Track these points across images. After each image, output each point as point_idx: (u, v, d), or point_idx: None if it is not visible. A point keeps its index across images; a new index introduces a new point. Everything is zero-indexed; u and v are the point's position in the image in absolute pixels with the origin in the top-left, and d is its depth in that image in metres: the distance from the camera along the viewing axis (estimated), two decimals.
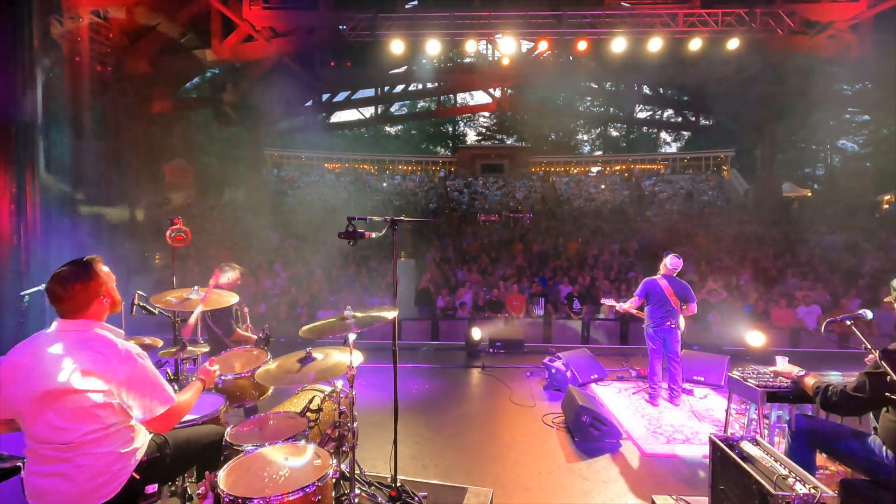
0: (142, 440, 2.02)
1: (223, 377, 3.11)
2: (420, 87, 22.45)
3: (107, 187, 11.63)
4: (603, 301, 6.12)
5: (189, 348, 3.26)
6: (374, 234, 3.00)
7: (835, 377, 3.02)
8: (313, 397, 3.00)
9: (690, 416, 4.93)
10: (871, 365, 2.37)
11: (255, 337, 4.27)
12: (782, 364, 3.17)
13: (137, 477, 1.95)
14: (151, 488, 2.05)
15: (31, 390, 1.77)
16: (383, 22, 11.64)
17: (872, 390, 2.28)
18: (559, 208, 21.72)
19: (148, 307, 3.30)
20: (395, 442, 3.03)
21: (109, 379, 1.80)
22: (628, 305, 5.45)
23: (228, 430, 2.57)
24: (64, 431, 1.77)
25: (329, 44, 13.42)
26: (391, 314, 2.87)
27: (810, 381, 2.74)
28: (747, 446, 2.52)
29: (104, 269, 1.99)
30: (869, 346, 2.37)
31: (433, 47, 11.94)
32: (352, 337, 2.65)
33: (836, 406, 2.46)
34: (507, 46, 12.76)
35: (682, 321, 5.23)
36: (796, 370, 3.02)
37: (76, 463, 1.79)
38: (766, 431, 3.21)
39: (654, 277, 5.28)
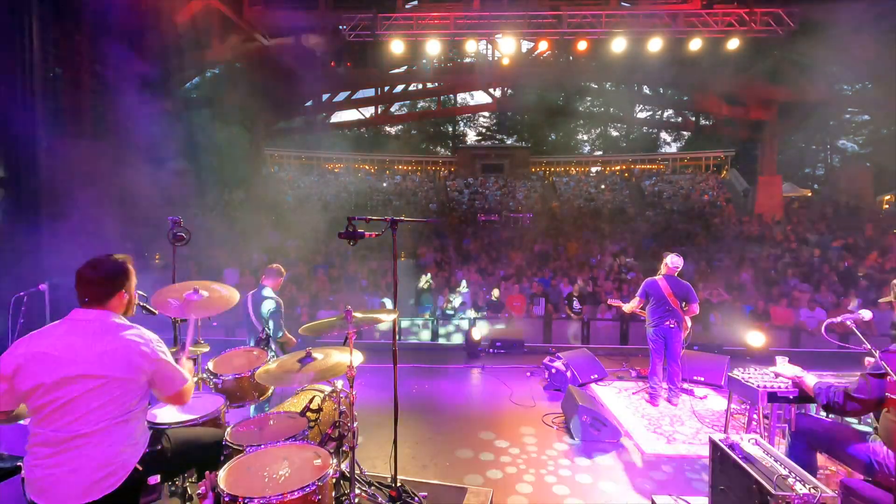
0: (146, 434, 2.06)
1: (223, 377, 3.11)
2: (420, 87, 22.43)
3: (107, 188, 11.62)
4: (610, 302, 6.20)
5: (189, 348, 3.26)
6: (374, 235, 3.00)
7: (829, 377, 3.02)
8: (313, 397, 3.00)
9: (690, 416, 4.93)
10: (871, 366, 2.37)
11: (296, 340, 4.32)
12: (783, 365, 3.17)
13: (140, 469, 1.97)
14: (153, 479, 2.06)
15: (55, 379, 1.78)
16: (383, 22, 11.64)
17: (873, 391, 2.29)
18: (560, 208, 21.72)
19: (148, 307, 3.30)
20: (395, 442, 3.03)
21: (136, 366, 1.86)
22: (631, 306, 5.47)
23: (228, 429, 2.57)
24: (81, 420, 1.80)
25: (329, 44, 13.42)
26: (390, 316, 2.87)
27: (811, 381, 2.74)
28: (747, 446, 2.52)
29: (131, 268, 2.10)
30: (870, 347, 2.37)
31: (433, 47, 11.94)
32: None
33: (837, 407, 2.46)
34: (507, 46, 12.75)
35: (688, 322, 5.23)
36: (797, 370, 3.02)
37: (84, 452, 1.80)
38: (766, 431, 3.21)
39: (654, 278, 5.30)
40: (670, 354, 5.17)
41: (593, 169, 30.31)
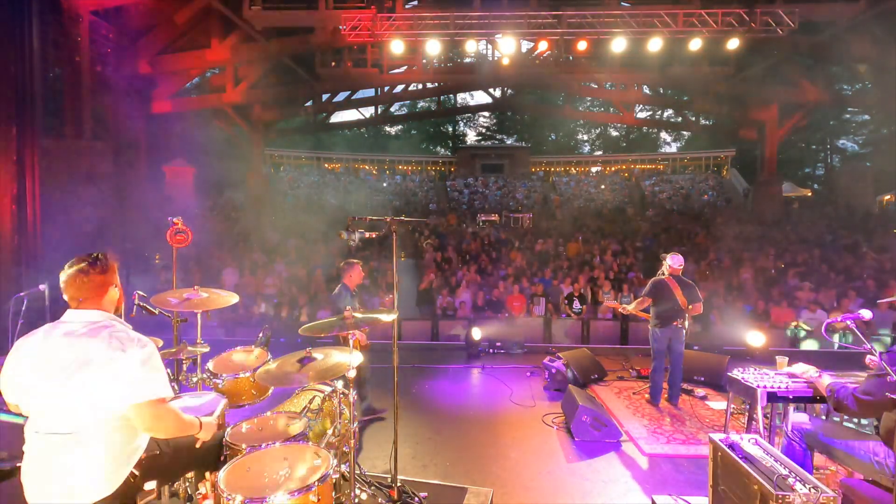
0: (144, 438, 2.04)
1: (223, 377, 3.11)
2: (420, 87, 22.43)
3: (106, 188, 11.62)
4: (606, 304, 6.16)
5: (189, 348, 3.26)
6: (374, 234, 3.00)
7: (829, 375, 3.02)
8: (313, 397, 3.00)
9: (691, 415, 4.93)
10: (877, 368, 2.36)
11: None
12: (798, 365, 3.16)
13: (137, 473, 1.96)
14: (150, 485, 2.05)
15: (49, 381, 1.78)
16: (383, 22, 11.63)
17: (880, 392, 2.28)
18: (560, 203, 21.74)
19: (148, 307, 3.30)
20: (395, 442, 3.03)
21: (122, 363, 1.82)
22: (634, 306, 5.44)
23: (228, 430, 2.57)
24: (64, 424, 1.79)
25: (329, 44, 13.41)
26: (390, 316, 2.87)
27: (826, 381, 2.73)
28: (747, 446, 2.52)
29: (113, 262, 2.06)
30: (870, 347, 2.37)
31: (433, 47, 11.92)
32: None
33: (846, 408, 2.46)
34: (507, 46, 12.74)
35: (687, 322, 5.23)
36: (812, 370, 3.01)
37: (79, 455, 1.79)
38: (766, 431, 3.21)
39: (662, 277, 5.27)
40: (673, 354, 5.17)
41: (593, 169, 30.32)
